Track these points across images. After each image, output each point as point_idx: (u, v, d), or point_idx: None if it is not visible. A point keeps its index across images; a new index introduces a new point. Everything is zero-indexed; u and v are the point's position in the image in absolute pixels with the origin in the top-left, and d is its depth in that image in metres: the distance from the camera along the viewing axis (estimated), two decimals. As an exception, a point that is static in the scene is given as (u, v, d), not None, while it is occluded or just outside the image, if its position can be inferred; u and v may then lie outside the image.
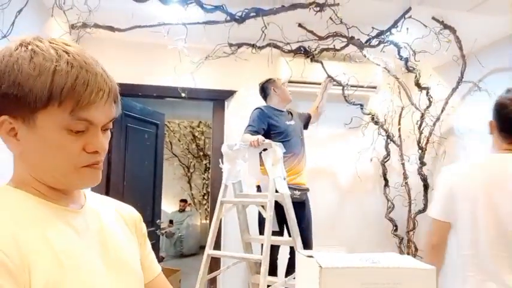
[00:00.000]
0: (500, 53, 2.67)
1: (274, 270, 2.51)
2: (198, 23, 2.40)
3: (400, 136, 3.26)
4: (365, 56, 2.79)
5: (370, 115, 3.16)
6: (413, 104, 3.08)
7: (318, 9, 2.16)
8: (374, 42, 2.61)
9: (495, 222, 1.25)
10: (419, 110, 3.05)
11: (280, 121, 2.62)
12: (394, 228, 3.17)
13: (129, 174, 3.03)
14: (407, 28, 2.39)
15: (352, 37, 2.51)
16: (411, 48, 2.69)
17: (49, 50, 0.57)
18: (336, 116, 3.11)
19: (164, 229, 5.93)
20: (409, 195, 3.19)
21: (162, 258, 5.77)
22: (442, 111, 2.93)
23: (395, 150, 3.26)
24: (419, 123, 3.07)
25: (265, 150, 2.32)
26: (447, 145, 3.09)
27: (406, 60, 2.82)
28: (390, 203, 3.21)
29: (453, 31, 2.49)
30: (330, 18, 2.25)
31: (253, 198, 2.44)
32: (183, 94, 2.83)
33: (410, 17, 2.33)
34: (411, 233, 3.13)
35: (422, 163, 3.05)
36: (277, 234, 2.38)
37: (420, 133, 3.07)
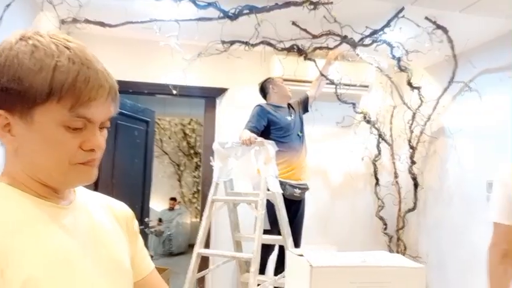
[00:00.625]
0: (490, 54, 2.70)
1: (263, 268, 2.51)
2: (191, 20, 2.37)
3: (392, 135, 3.28)
4: (358, 55, 2.79)
5: (362, 114, 3.17)
6: (405, 103, 3.10)
7: (312, 7, 2.16)
8: (367, 41, 2.62)
9: None
10: (410, 110, 3.07)
11: (280, 117, 2.64)
12: (384, 226, 3.19)
13: (118, 171, 2.99)
14: (400, 27, 2.40)
15: (345, 36, 2.51)
16: (404, 47, 2.71)
17: (50, 45, 0.56)
18: (329, 115, 3.12)
19: (153, 227, 5.89)
20: (399, 194, 3.21)
21: (151, 256, 5.68)
22: (433, 110, 2.95)
23: (386, 149, 3.28)
24: (410, 122, 3.09)
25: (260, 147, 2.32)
26: (438, 144, 3.12)
27: (399, 59, 2.83)
28: (380, 202, 3.23)
29: (445, 31, 2.51)
30: (324, 16, 2.25)
31: (244, 196, 2.43)
32: (175, 91, 2.80)
33: (403, 17, 2.34)
34: (401, 232, 3.16)
35: (412, 162, 3.07)
36: (269, 233, 2.38)
37: (411, 132, 3.09)
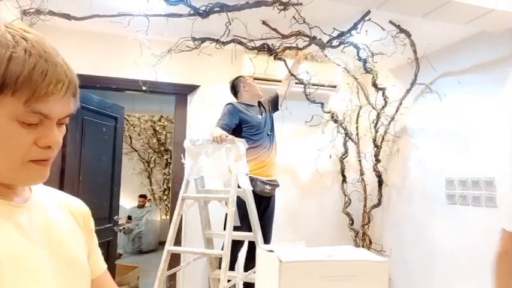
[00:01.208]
0: (450, 58, 2.85)
1: (233, 264, 2.54)
2: (161, 15, 2.35)
3: (358, 134, 3.39)
4: (326, 56, 2.86)
5: (330, 113, 3.25)
6: (370, 104, 3.21)
7: (282, 7, 2.19)
8: (335, 42, 2.69)
9: None
10: (375, 110, 3.18)
11: (251, 115, 2.67)
12: (351, 222, 3.30)
13: (86, 168, 2.92)
14: (366, 30, 2.49)
15: (314, 37, 2.57)
16: (369, 50, 2.80)
17: (5, 35, 0.53)
18: (297, 114, 3.18)
19: (122, 225, 5.77)
20: (365, 190, 3.33)
21: (120, 255, 5.61)
22: (397, 111, 3.08)
23: (353, 147, 3.39)
24: (375, 122, 3.20)
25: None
26: (400, 143, 3.25)
27: (365, 61, 2.93)
28: (347, 198, 3.34)
29: (408, 35, 2.63)
30: (293, 17, 2.29)
31: (215, 193, 2.44)
32: (144, 88, 2.76)
33: (369, 20, 2.43)
34: (366, 227, 3.28)
35: (377, 160, 3.19)
36: (239, 229, 2.40)
37: (376, 131, 3.21)
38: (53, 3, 2.25)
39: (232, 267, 2.51)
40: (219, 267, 2.31)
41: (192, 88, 3.14)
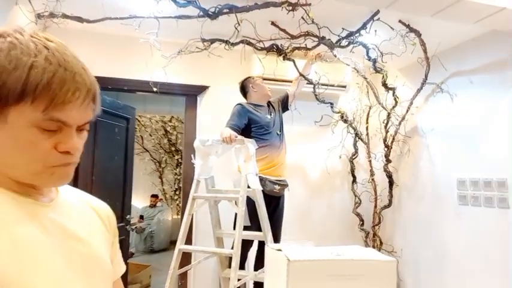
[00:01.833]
0: (460, 57, 2.82)
1: (242, 263, 2.56)
2: (171, 17, 2.38)
3: (368, 134, 3.38)
4: (335, 56, 2.86)
5: (339, 113, 3.25)
6: (380, 104, 3.19)
7: (290, 8, 2.20)
8: (344, 42, 2.68)
9: None
10: (385, 110, 3.17)
11: (260, 116, 2.69)
12: (361, 222, 3.29)
13: (98, 169, 2.97)
14: (375, 30, 2.48)
15: (323, 37, 2.57)
16: (379, 49, 2.79)
17: (28, 44, 0.55)
18: (307, 114, 3.18)
19: (134, 224, 5.84)
20: (375, 191, 3.32)
21: (132, 254, 5.68)
22: (407, 111, 3.06)
23: (363, 147, 3.37)
24: (385, 122, 3.19)
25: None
26: (411, 143, 3.23)
27: (374, 61, 2.92)
28: (357, 199, 3.33)
29: (418, 34, 2.61)
30: (302, 17, 2.30)
31: (225, 193, 2.46)
32: (155, 89, 2.80)
33: (378, 20, 2.42)
34: (377, 228, 3.26)
35: (388, 160, 3.18)
36: (249, 229, 2.42)
37: (386, 132, 3.19)
38: (66, 6, 2.30)
39: (242, 266, 2.53)
40: (229, 266, 2.33)
41: (202, 89, 3.16)
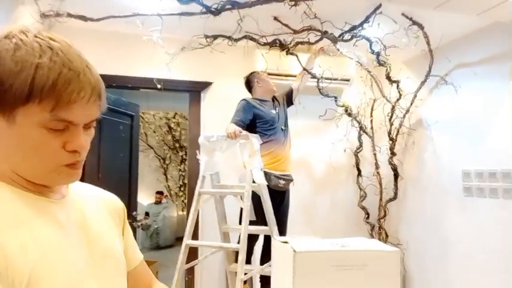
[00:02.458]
0: (464, 49, 2.80)
1: (249, 257, 2.58)
2: (173, 14, 2.39)
3: (372, 127, 3.37)
4: (338, 50, 2.85)
5: (343, 107, 3.25)
6: (384, 97, 3.19)
7: (293, 3, 2.20)
8: (347, 36, 2.68)
9: None
10: (390, 103, 3.16)
11: (265, 111, 2.70)
12: (366, 216, 3.30)
13: (104, 166, 3.00)
14: (378, 23, 2.47)
15: (325, 31, 2.57)
16: (382, 42, 2.78)
17: (33, 44, 0.55)
18: (311, 108, 3.18)
19: (140, 221, 5.89)
20: (381, 184, 3.32)
21: (138, 250, 5.73)
22: (411, 103, 3.05)
23: (367, 141, 3.37)
24: (390, 115, 3.18)
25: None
26: (416, 136, 3.22)
27: (378, 54, 2.91)
28: (362, 192, 3.33)
29: (421, 27, 2.60)
30: (304, 12, 2.30)
31: (230, 188, 2.48)
32: (159, 85, 2.81)
33: (381, 13, 2.41)
34: (382, 221, 3.27)
35: (392, 153, 3.18)
36: (255, 223, 2.44)
37: (391, 124, 3.19)
38: (70, 5, 2.32)
39: (248, 260, 2.55)
40: (236, 260, 2.35)
41: (205, 85, 3.17)
